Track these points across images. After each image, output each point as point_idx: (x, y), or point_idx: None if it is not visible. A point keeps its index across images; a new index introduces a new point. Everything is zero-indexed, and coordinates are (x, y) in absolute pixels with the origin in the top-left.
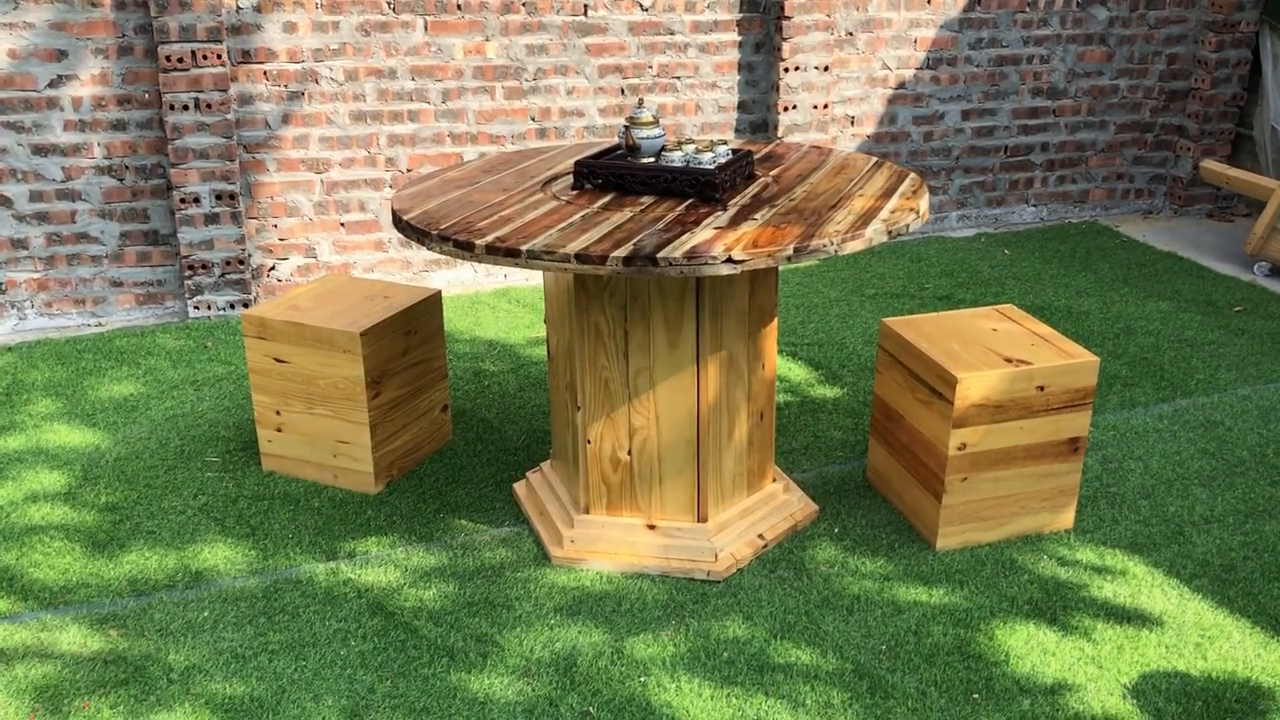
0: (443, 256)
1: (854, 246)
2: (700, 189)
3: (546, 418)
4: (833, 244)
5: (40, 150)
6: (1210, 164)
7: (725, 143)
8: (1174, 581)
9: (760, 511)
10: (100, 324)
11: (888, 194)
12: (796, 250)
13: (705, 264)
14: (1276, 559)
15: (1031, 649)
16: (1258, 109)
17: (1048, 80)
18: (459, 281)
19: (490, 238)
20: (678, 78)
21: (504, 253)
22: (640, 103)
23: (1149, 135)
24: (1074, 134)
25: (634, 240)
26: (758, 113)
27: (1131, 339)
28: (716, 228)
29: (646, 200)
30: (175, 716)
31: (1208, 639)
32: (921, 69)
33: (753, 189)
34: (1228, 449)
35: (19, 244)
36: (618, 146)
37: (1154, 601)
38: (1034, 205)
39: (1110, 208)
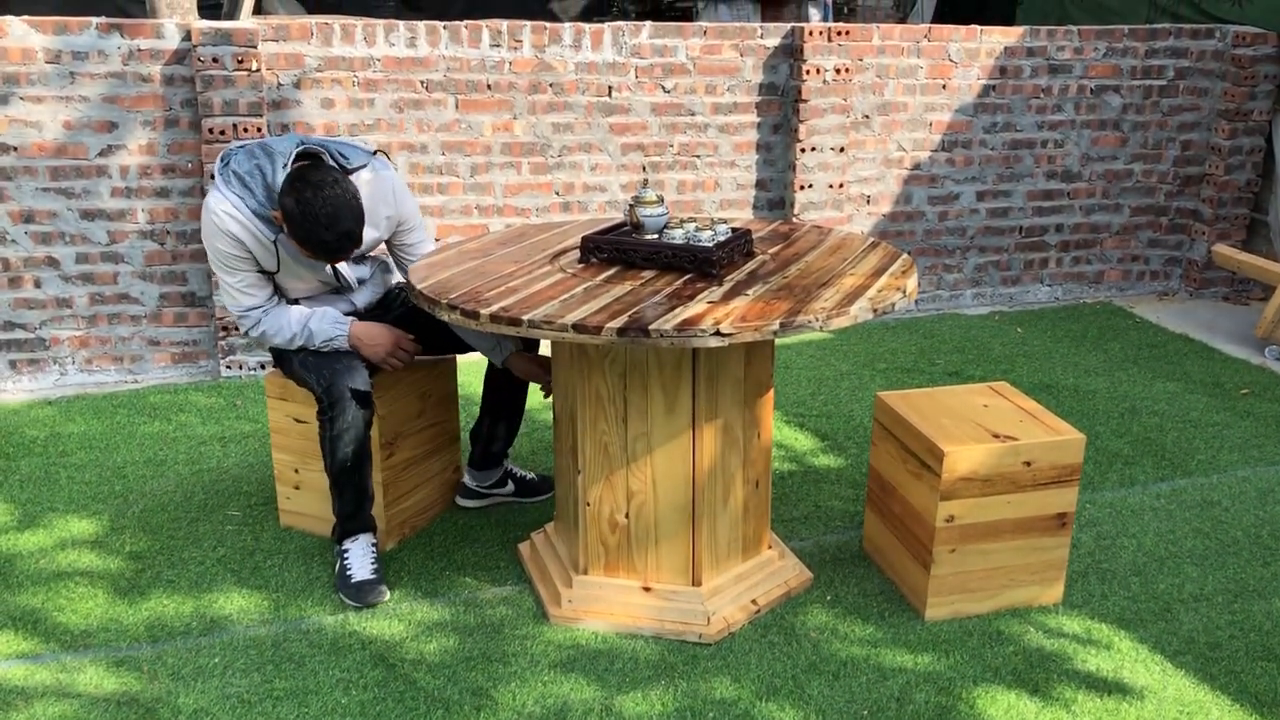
0: None
1: (839, 323)
2: (699, 265)
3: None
4: (818, 320)
5: (88, 215)
6: (1222, 248)
7: (725, 222)
8: (1158, 657)
9: (754, 577)
10: (136, 381)
11: (878, 273)
12: (782, 325)
13: (695, 336)
14: (1263, 638)
15: (1011, 718)
16: (1272, 195)
17: (1062, 164)
18: None
19: (495, 307)
20: (698, 156)
21: (507, 322)
22: (645, 183)
23: (1164, 219)
24: (1089, 216)
25: (629, 312)
26: (775, 190)
27: (1136, 418)
28: (709, 302)
29: (648, 274)
30: None
31: (1186, 714)
32: (937, 151)
33: (750, 266)
34: (1222, 529)
35: (64, 303)
36: (624, 223)
37: (1136, 676)
38: (1049, 285)
39: (1125, 289)
